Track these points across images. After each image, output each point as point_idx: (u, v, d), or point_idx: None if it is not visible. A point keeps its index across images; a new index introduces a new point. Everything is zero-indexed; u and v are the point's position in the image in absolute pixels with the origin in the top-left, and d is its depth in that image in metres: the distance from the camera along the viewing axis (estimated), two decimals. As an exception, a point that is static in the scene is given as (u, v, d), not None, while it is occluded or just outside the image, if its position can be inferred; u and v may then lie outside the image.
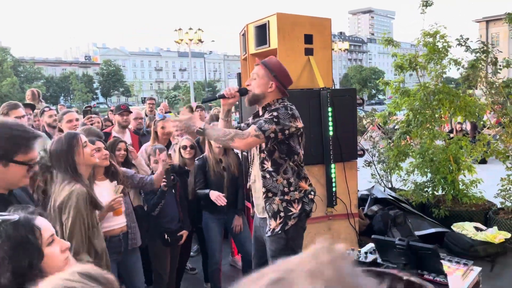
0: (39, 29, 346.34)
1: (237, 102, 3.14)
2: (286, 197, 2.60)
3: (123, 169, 3.43)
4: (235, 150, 3.94)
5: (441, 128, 5.56)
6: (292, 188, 2.61)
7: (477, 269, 2.24)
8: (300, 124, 2.62)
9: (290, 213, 2.59)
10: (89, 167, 2.57)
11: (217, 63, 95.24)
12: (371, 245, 2.60)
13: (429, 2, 4.96)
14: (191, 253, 5.10)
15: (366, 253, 2.42)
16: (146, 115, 7.05)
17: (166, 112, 9.77)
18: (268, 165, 2.62)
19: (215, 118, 5.84)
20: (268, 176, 2.63)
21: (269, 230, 2.65)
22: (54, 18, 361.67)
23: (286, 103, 2.66)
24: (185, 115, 2.67)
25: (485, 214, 4.90)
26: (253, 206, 3.01)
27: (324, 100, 3.93)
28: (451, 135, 9.69)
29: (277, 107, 2.60)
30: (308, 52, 4.12)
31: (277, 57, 3.95)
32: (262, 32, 4.13)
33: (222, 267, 4.30)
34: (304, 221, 2.69)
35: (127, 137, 4.48)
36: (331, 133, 3.94)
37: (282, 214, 2.60)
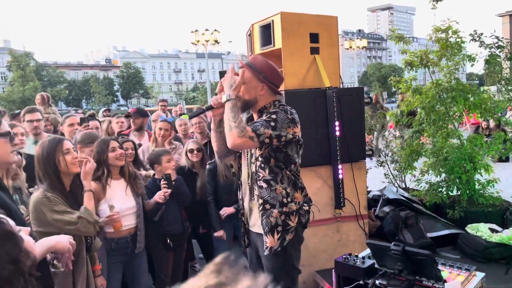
0: (62, 34, 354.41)
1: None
2: (285, 209, 2.37)
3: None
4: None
5: (456, 125, 5.37)
6: (289, 199, 2.39)
7: (481, 274, 2.13)
8: (298, 130, 2.41)
9: (288, 227, 2.37)
10: (70, 175, 2.46)
11: (235, 64, 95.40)
12: (369, 250, 2.52)
13: (439, -4, 4.83)
14: (201, 255, 5.09)
15: (363, 258, 2.34)
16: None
17: (180, 114, 9.82)
18: (264, 173, 2.38)
19: None
20: (265, 185, 2.38)
21: (267, 248, 2.39)
22: (76, 23, 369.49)
23: (286, 107, 2.43)
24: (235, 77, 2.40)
25: (502, 215, 4.73)
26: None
27: (330, 99, 3.86)
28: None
29: (276, 110, 2.36)
30: (314, 51, 4.05)
31: (281, 57, 3.94)
32: (266, 31, 4.09)
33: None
34: (301, 234, 2.48)
35: (145, 139, 4.52)
36: (337, 133, 3.86)
37: (280, 228, 2.36)
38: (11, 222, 1.29)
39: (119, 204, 2.95)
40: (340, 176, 3.93)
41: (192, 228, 4.03)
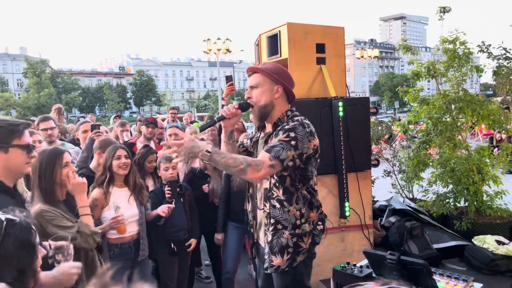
0: (77, 42, 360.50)
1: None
2: (297, 231, 2.25)
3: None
4: None
5: (465, 136, 5.35)
6: (303, 220, 2.27)
7: (478, 285, 2.13)
8: (317, 141, 2.25)
9: (300, 249, 2.26)
10: (64, 188, 2.40)
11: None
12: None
13: (446, 8, 4.84)
14: (207, 262, 5.12)
15: (361, 267, 2.35)
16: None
17: (190, 122, 9.91)
18: (279, 193, 2.26)
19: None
20: (278, 205, 2.26)
21: (270, 266, 2.30)
22: (91, 31, 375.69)
23: (300, 118, 2.29)
24: (188, 137, 2.13)
25: (510, 227, 4.68)
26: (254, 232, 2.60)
27: (335, 109, 3.89)
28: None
29: (293, 125, 2.21)
30: (320, 61, 4.10)
31: (288, 67, 3.99)
32: (273, 42, 4.15)
33: (238, 276, 4.25)
34: (313, 251, 2.36)
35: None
36: (343, 142, 3.88)
37: (290, 249, 2.25)
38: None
39: (122, 210, 2.98)
40: (345, 186, 3.94)
41: (204, 231, 4.01)
